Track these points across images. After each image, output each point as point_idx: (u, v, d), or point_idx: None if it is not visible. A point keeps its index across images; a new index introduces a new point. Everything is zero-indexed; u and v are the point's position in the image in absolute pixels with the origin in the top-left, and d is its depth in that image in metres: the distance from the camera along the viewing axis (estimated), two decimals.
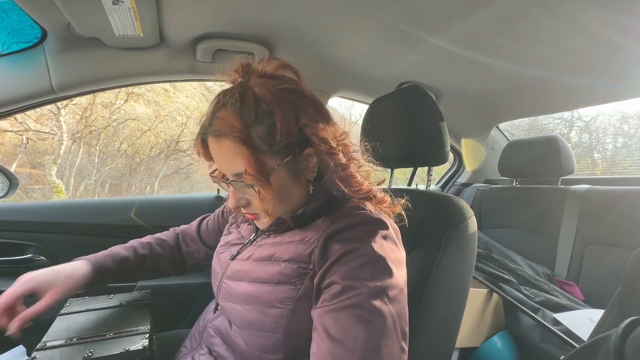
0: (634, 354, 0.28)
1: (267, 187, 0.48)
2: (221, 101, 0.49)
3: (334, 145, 0.50)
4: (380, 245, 0.46)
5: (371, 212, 0.52)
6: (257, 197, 0.49)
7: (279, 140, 0.47)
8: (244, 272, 0.55)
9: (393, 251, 0.48)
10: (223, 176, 0.54)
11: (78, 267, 0.65)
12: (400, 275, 0.47)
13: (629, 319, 0.31)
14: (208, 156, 0.54)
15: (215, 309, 0.65)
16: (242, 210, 0.55)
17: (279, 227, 0.55)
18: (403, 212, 0.57)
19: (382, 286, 0.43)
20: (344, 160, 0.51)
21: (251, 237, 0.61)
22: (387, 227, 0.49)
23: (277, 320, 0.48)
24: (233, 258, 0.60)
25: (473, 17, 0.83)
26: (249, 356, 0.52)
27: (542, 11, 0.79)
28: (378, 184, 0.58)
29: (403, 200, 0.57)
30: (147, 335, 0.62)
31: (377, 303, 0.42)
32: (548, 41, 0.92)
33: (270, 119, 0.47)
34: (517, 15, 0.80)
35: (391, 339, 0.41)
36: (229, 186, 0.52)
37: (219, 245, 0.69)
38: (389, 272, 0.45)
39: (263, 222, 0.56)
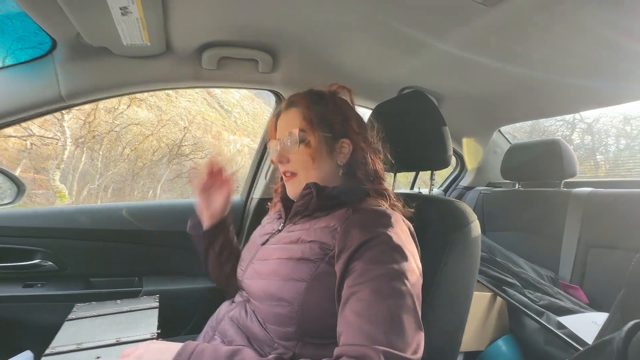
0: (637, 357, 0.28)
1: (311, 135, 0.65)
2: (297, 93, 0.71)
3: (368, 138, 0.68)
4: (397, 235, 0.53)
5: (387, 208, 0.61)
6: (298, 150, 0.65)
7: (326, 118, 0.66)
8: (272, 252, 0.64)
9: (409, 242, 0.55)
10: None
11: None
12: (416, 264, 0.54)
13: (632, 322, 0.31)
14: (273, 134, 0.73)
15: (232, 302, 0.71)
16: (282, 168, 0.69)
17: (304, 204, 0.65)
18: (412, 217, 0.65)
19: (401, 269, 0.50)
20: (372, 155, 0.67)
21: (279, 227, 0.70)
22: (401, 221, 0.58)
23: (296, 292, 0.54)
24: (263, 244, 0.69)
25: (474, 22, 0.84)
26: (262, 339, 0.57)
27: (544, 15, 0.79)
28: (402, 204, 0.67)
29: (412, 210, 0.66)
30: (154, 340, 0.63)
31: (397, 283, 0.48)
32: (550, 44, 0.93)
33: (326, 106, 0.67)
34: (518, 19, 0.81)
35: (412, 316, 0.47)
36: (279, 147, 0.69)
37: (251, 237, 0.78)
38: (406, 258, 0.51)
39: (294, 186, 0.68)
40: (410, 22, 0.87)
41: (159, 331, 0.72)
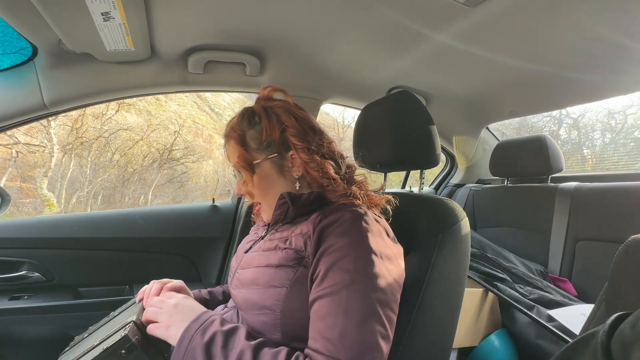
0: (619, 349, 0.29)
1: (249, 173, 0.63)
2: (232, 119, 0.68)
3: (309, 146, 0.62)
4: (365, 238, 0.52)
5: (360, 207, 0.58)
6: (249, 183, 0.63)
7: (264, 140, 0.63)
8: (253, 260, 0.63)
9: (379, 244, 0.53)
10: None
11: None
12: (385, 266, 0.52)
13: (615, 315, 0.32)
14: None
15: (225, 307, 0.72)
16: (249, 200, 0.68)
17: (282, 213, 0.63)
18: (388, 207, 0.64)
19: (363, 276, 0.49)
20: (319, 159, 0.61)
21: (262, 234, 0.70)
22: (374, 222, 0.55)
23: (276, 298, 0.54)
24: (246, 251, 0.69)
25: (458, 22, 0.86)
26: None
27: (526, 12, 0.81)
28: (375, 191, 0.66)
29: (390, 197, 0.65)
30: (129, 325, 0.57)
31: (356, 291, 0.47)
32: (534, 41, 0.95)
33: (260, 125, 0.64)
34: (501, 18, 0.83)
35: (369, 324, 0.46)
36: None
37: (239, 245, 0.77)
38: (371, 263, 0.50)
39: (264, 213, 0.68)
40: (396, 23, 0.88)
41: (133, 319, 0.67)
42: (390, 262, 0.53)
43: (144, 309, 0.64)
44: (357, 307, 0.47)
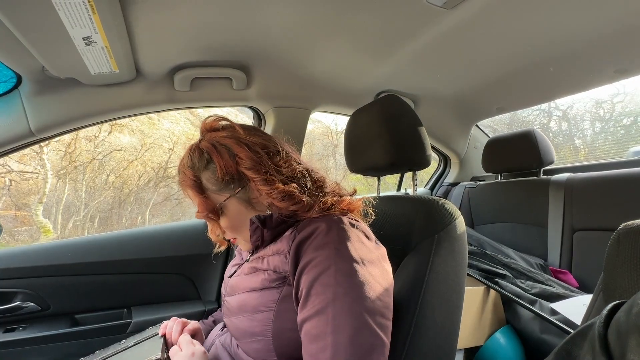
0: (616, 339, 0.28)
1: (215, 221, 0.60)
2: (181, 161, 0.63)
3: (267, 176, 0.56)
4: (344, 248, 0.49)
5: (334, 215, 0.55)
6: (222, 225, 0.61)
7: (221, 178, 0.58)
8: (236, 286, 0.61)
9: (359, 250, 0.50)
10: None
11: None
12: (369, 272, 0.49)
13: (611, 304, 0.32)
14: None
15: (224, 327, 0.70)
16: (224, 237, 0.67)
17: (258, 238, 0.59)
18: (370, 210, 0.64)
19: (347, 288, 0.46)
20: (281, 187, 0.56)
21: (247, 258, 0.66)
22: (350, 228, 0.53)
23: (264, 323, 0.53)
24: (230, 276, 0.66)
25: (438, 24, 0.87)
26: None
27: (503, 10, 0.83)
28: (351, 195, 0.64)
29: (368, 198, 0.65)
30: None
31: (341, 306, 0.45)
32: (514, 37, 0.96)
33: (213, 163, 0.59)
34: (479, 17, 0.85)
35: (361, 338, 0.44)
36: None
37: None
38: (353, 273, 0.47)
39: (244, 245, 0.64)
40: (379, 29, 0.90)
41: (158, 356, 0.67)
42: (373, 267, 0.51)
43: (166, 347, 0.65)
44: (345, 322, 0.44)
